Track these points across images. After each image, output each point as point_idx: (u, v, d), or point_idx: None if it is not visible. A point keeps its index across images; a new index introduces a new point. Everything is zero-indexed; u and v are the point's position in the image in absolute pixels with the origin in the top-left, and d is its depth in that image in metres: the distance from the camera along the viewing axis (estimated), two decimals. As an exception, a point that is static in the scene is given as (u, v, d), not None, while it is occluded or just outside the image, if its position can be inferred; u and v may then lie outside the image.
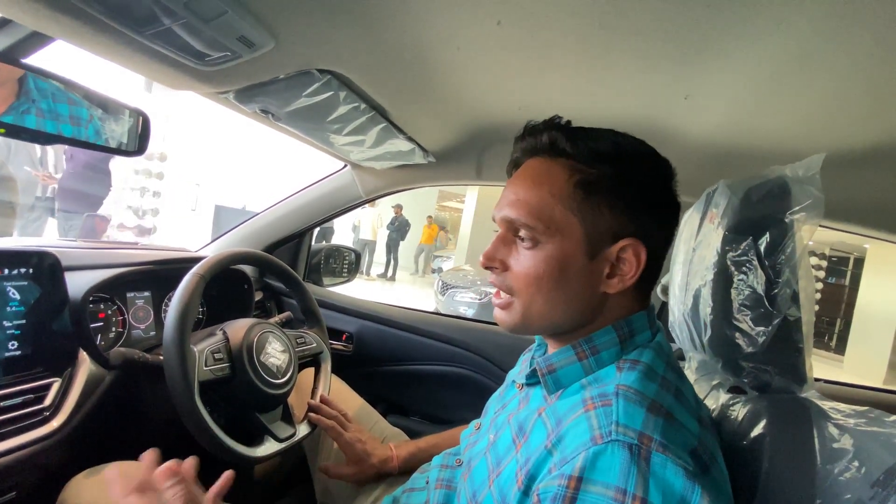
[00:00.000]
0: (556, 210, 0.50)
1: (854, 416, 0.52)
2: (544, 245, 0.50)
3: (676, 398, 0.47)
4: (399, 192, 1.36)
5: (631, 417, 0.43)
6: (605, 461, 0.40)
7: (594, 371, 0.52)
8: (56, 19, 0.51)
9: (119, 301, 0.92)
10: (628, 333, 0.52)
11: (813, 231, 0.55)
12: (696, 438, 0.45)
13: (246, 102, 0.79)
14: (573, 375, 0.53)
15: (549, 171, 0.51)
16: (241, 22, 0.54)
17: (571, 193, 0.49)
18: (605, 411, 0.44)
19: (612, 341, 0.52)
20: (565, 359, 0.53)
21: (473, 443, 0.67)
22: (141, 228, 6.29)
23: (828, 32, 0.53)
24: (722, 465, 0.47)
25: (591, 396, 0.47)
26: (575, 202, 0.49)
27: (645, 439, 0.41)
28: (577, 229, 0.50)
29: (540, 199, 0.50)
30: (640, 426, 0.42)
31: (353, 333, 1.37)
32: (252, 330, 0.83)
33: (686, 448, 0.43)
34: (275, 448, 0.79)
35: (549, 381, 0.54)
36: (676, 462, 0.40)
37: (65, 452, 0.74)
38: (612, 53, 0.66)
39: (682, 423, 0.45)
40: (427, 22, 0.62)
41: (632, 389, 0.46)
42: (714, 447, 0.47)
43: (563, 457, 0.43)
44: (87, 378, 0.77)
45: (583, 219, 0.49)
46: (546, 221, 0.50)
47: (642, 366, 0.49)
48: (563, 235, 0.50)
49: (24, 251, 0.73)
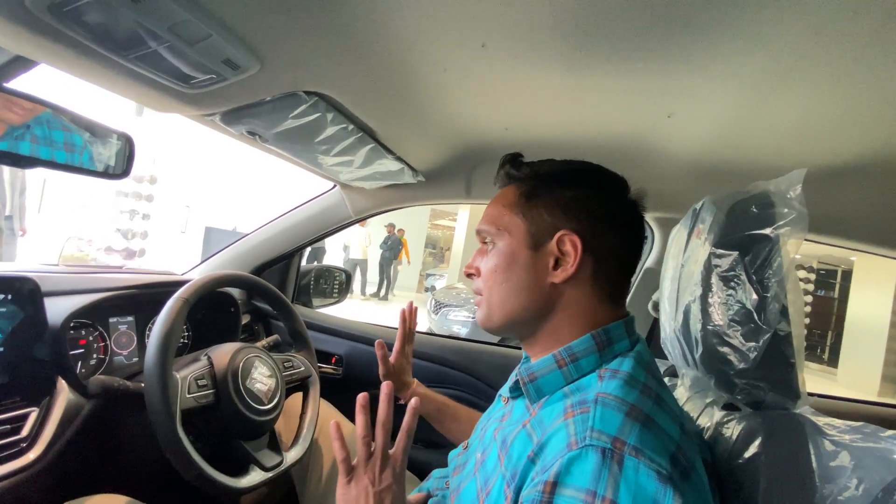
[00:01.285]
0: (506, 215, 0.60)
1: (849, 431, 0.52)
2: (497, 244, 0.60)
3: (657, 404, 0.49)
4: (389, 212, 1.36)
5: (606, 423, 0.45)
6: (578, 465, 0.42)
7: (574, 378, 0.55)
8: (38, 43, 0.51)
9: (101, 326, 0.90)
10: (606, 341, 0.56)
11: (799, 245, 0.55)
12: (675, 444, 0.46)
13: (233, 124, 0.79)
14: (554, 383, 0.56)
15: (505, 192, 0.63)
16: (227, 45, 0.54)
17: (517, 202, 0.60)
18: (582, 418, 0.46)
19: (591, 349, 0.55)
20: (545, 367, 0.57)
21: (462, 464, 0.66)
22: (129, 251, 6.22)
23: (807, 49, 0.55)
24: (701, 472, 0.47)
25: (571, 404, 0.50)
26: (519, 207, 0.59)
27: (618, 443, 0.43)
28: (521, 227, 0.59)
29: (495, 210, 0.62)
30: (616, 431, 0.44)
31: (343, 356, 1.35)
32: (238, 355, 0.81)
33: (663, 452, 0.43)
34: (260, 478, 0.77)
35: (530, 390, 0.57)
36: (649, 465, 0.41)
37: (43, 484, 0.71)
38: (594, 74, 0.67)
39: (662, 428, 0.46)
40: (413, 45, 0.63)
41: (611, 396, 0.48)
42: (693, 455, 0.47)
43: (544, 465, 0.45)
44: (65, 407, 0.75)
45: (524, 219, 0.59)
46: (497, 224, 0.61)
47: (623, 374, 0.51)
48: (510, 233, 0.59)
49: (2, 277, 0.72)
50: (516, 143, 0.97)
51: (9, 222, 3.43)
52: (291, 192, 3.05)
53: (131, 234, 6.28)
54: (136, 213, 6.32)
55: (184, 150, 6.78)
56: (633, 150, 0.92)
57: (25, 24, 0.48)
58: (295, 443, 0.88)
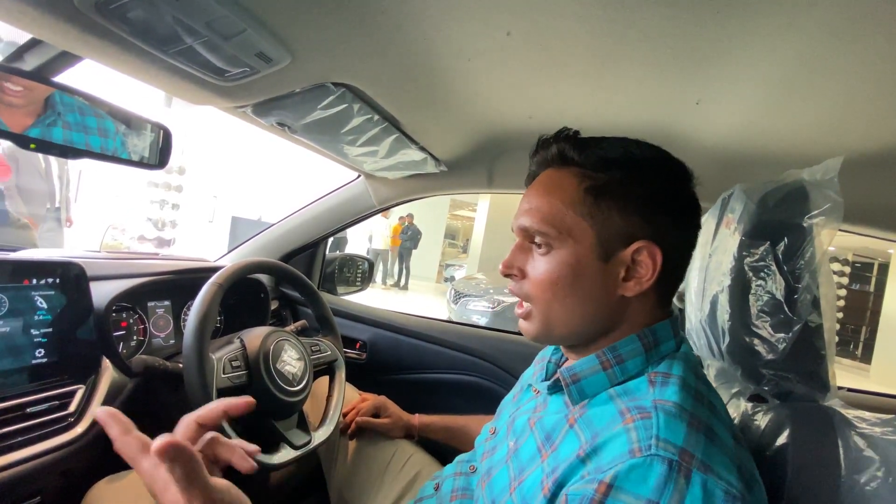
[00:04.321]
0: (568, 215, 0.51)
1: (880, 424, 0.51)
2: (557, 250, 0.51)
3: (711, 411, 0.46)
4: (411, 202, 1.38)
5: (672, 432, 0.41)
6: (640, 473, 0.39)
7: (620, 381, 0.51)
8: (84, 40, 0.54)
9: (140, 310, 0.95)
10: (653, 342, 0.51)
11: (832, 235, 0.54)
12: (734, 454, 0.43)
13: (263, 116, 0.81)
14: (598, 385, 0.52)
15: (560, 179, 0.53)
16: (260, 39, 0.56)
17: (582, 199, 0.51)
18: (644, 424, 0.43)
19: (637, 350, 0.51)
20: (589, 368, 0.52)
21: (491, 450, 0.66)
22: (160, 240, 6.43)
23: (839, 34, 0.53)
24: (761, 483, 0.45)
25: (627, 408, 0.46)
26: (585, 207, 0.50)
27: (686, 456, 0.40)
28: (588, 233, 0.50)
29: (551, 205, 0.52)
30: (682, 442, 0.41)
31: (367, 342, 1.38)
32: (268, 338, 0.84)
33: (728, 467, 0.41)
34: (291, 455, 0.80)
35: (573, 391, 0.53)
36: (717, 483, 0.39)
37: (87, 458, 0.76)
38: (621, 61, 0.66)
39: (721, 440, 0.43)
40: (438, 34, 0.63)
41: (670, 402, 0.45)
42: (752, 464, 0.45)
43: (599, 466, 0.42)
44: (109, 385, 0.79)
45: (594, 223, 0.50)
46: (558, 227, 0.51)
47: (676, 379, 0.48)
48: (574, 240, 0.50)
49: (51, 261, 0.76)
50: (540, 132, 0.94)
51: (57, 214, 3.61)
52: (315, 182, 3.09)
53: (161, 223, 6.48)
54: (165, 202, 6.52)
55: (211, 141, 6.93)
56: (659, 137, 0.90)
57: (73, 21, 0.50)
58: (322, 423, 0.91)
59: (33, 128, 0.63)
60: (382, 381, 1.36)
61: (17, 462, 0.65)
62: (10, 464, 0.64)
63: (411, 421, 1.02)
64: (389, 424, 1.00)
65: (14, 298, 0.70)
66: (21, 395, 0.69)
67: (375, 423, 1.00)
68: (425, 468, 0.93)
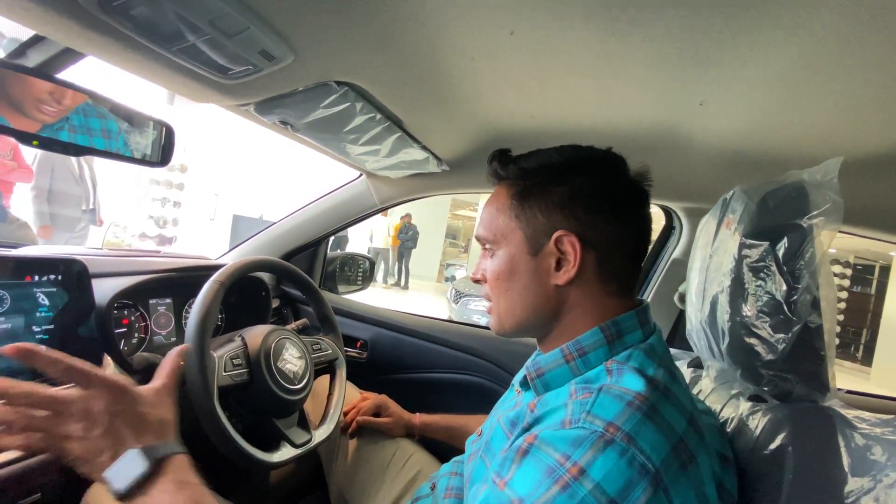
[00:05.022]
0: (500, 220, 0.59)
1: (880, 425, 0.51)
2: (497, 251, 0.59)
3: (665, 395, 0.48)
4: (413, 201, 1.38)
5: (604, 409, 0.45)
6: (562, 433, 0.44)
7: (582, 372, 0.54)
8: (88, 36, 0.54)
9: (142, 307, 0.95)
10: (616, 333, 0.54)
11: (832, 236, 0.54)
12: (677, 437, 0.45)
13: (266, 114, 0.81)
14: (561, 378, 0.55)
15: (497, 193, 0.61)
16: (263, 37, 0.56)
17: (510, 204, 0.58)
18: (581, 402, 0.47)
19: (600, 342, 0.54)
20: (553, 361, 0.56)
21: (477, 451, 0.67)
22: (162, 238, 6.43)
23: (842, 35, 0.53)
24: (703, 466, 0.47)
25: (575, 390, 0.50)
26: (513, 210, 0.58)
27: (611, 428, 0.43)
28: (517, 232, 0.57)
29: (490, 214, 0.61)
30: (612, 417, 0.44)
31: (368, 341, 1.38)
32: (270, 336, 0.84)
33: (658, 445, 0.43)
34: (291, 454, 0.80)
35: (537, 385, 0.57)
36: (636, 455, 0.41)
37: None
38: (624, 61, 0.66)
39: (665, 420, 0.45)
40: (442, 34, 0.63)
41: (615, 387, 0.47)
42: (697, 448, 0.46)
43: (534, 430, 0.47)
44: (110, 382, 0.79)
45: (520, 223, 0.57)
46: (493, 231, 0.59)
47: (630, 367, 0.50)
48: (507, 240, 0.58)
49: (53, 258, 0.76)
50: (542, 132, 0.96)
51: (92, 215, 3.83)
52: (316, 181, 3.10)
53: (163, 221, 6.49)
54: (167, 200, 6.53)
55: (213, 139, 6.94)
56: (662, 138, 0.91)
57: (76, 18, 0.50)
58: (323, 422, 0.91)
59: (41, 129, 0.63)
60: (383, 380, 1.36)
61: (17, 459, 0.65)
62: (10, 461, 0.64)
63: (412, 420, 1.03)
64: (390, 423, 1.01)
65: (16, 295, 0.70)
66: (23, 392, 0.69)
67: (376, 423, 1.00)
68: (425, 467, 0.94)
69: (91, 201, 3.77)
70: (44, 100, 0.62)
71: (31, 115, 0.61)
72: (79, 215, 3.76)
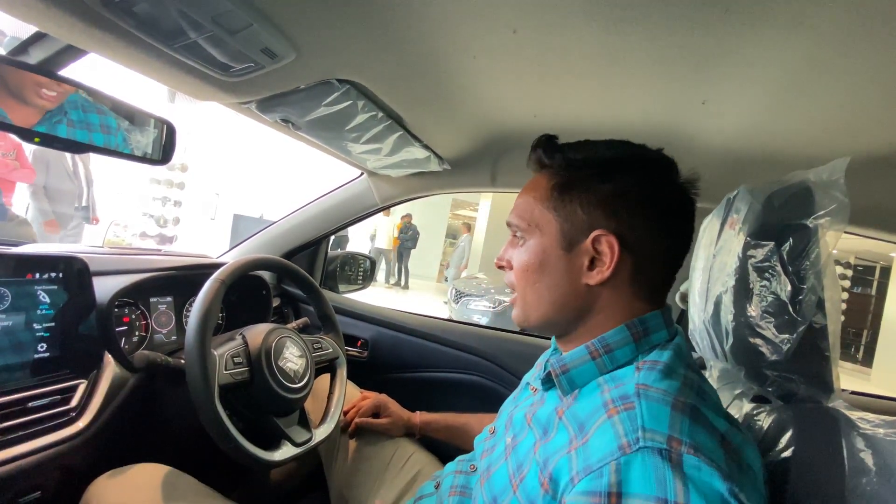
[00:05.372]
0: (537, 209, 0.57)
1: (884, 426, 0.51)
2: (528, 241, 0.57)
3: (700, 395, 0.47)
4: (414, 200, 1.37)
5: (656, 419, 0.42)
6: (637, 471, 0.40)
7: (609, 370, 0.52)
8: (90, 33, 0.54)
9: (143, 306, 0.95)
10: (642, 332, 0.53)
11: (838, 237, 0.54)
12: (720, 435, 0.44)
13: (267, 112, 0.81)
14: (587, 374, 0.54)
15: (537, 181, 0.59)
16: (265, 34, 0.56)
17: (549, 195, 0.56)
18: (629, 415, 0.44)
19: (626, 339, 0.53)
20: (579, 358, 0.54)
21: (490, 448, 0.66)
22: (162, 237, 6.44)
23: (847, 35, 0.53)
24: (752, 463, 0.46)
25: (611, 399, 0.47)
26: (552, 202, 0.56)
27: (674, 442, 0.41)
28: (553, 225, 0.55)
29: (526, 202, 0.58)
30: (667, 428, 0.42)
31: (369, 340, 1.38)
32: (270, 335, 0.84)
33: (715, 447, 0.42)
34: (291, 452, 0.80)
35: (563, 382, 0.55)
36: (710, 464, 0.40)
37: (89, 453, 0.76)
38: (627, 60, 0.66)
39: (708, 419, 0.44)
40: (444, 31, 0.63)
41: (652, 388, 0.46)
42: (741, 445, 0.46)
43: (588, 465, 0.42)
44: (111, 380, 0.79)
45: (558, 215, 0.55)
46: (528, 220, 0.57)
47: (662, 365, 0.49)
48: (541, 231, 0.56)
49: (54, 256, 0.76)
50: (544, 131, 0.95)
51: (85, 212, 3.81)
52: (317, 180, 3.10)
53: (163, 220, 6.50)
54: (167, 199, 6.54)
55: (213, 138, 6.94)
56: (665, 137, 0.91)
57: (79, 14, 0.50)
58: (323, 421, 0.91)
59: (40, 124, 0.63)
60: (383, 379, 1.36)
61: (18, 456, 0.65)
62: (11, 458, 0.64)
63: (412, 419, 1.02)
64: (388, 424, 1.00)
65: (17, 293, 0.70)
66: (23, 390, 0.69)
67: (374, 424, 1.00)
68: (426, 467, 0.93)
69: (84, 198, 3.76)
70: (43, 84, 0.61)
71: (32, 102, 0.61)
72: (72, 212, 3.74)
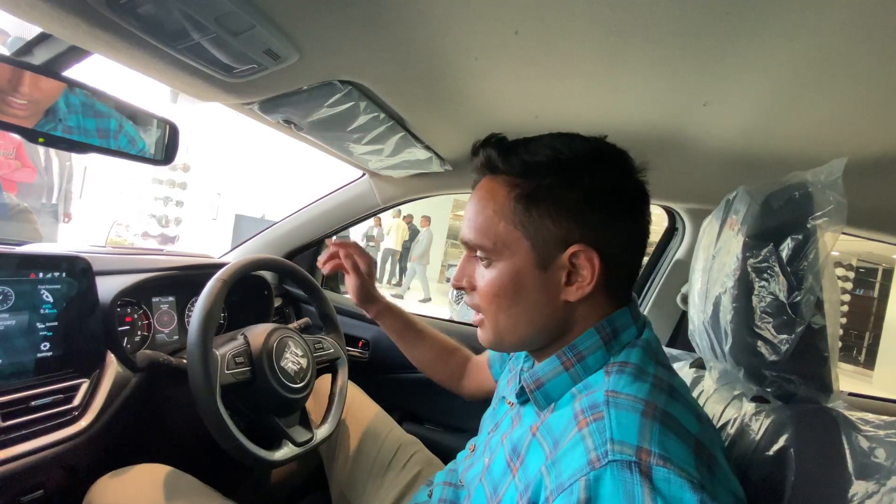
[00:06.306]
0: (501, 227, 0.50)
1: (883, 426, 0.51)
2: (497, 262, 0.51)
3: (671, 396, 0.45)
4: (415, 200, 1.38)
5: (625, 430, 0.40)
6: (607, 487, 0.38)
7: (582, 378, 0.50)
8: (94, 34, 0.54)
9: (145, 305, 0.95)
10: (611, 333, 0.51)
11: (836, 238, 0.54)
12: (694, 439, 0.42)
13: (270, 113, 0.81)
14: (562, 387, 0.51)
15: (492, 189, 0.52)
16: (268, 36, 0.56)
17: (513, 208, 0.50)
18: (597, 427, 0.42)
19: (596, 344, 0.51)
20: (552, 370, 0.52)
21: (469, 466, 0.65)
22: (164, 237, 6.46)
23: (847, 36, 0.53)
24: (722, 462, 0.44)
25: (581, 409, 0.45)
26: (517, 216, 0.50)
27: (643, 454, 0.39)
28: (522, 243, 0.50)
29: (485, 218, 0.52)
30: (636, 439, 0.40)
31: (370, 340, 1.38)
32: (272, 335, 0.84)
33: (688, 456, 0.40)
34: (293, 452, 0.80)
35: (538, 398, 0.52)
36: (680, 475, 0.38)
37: (91, 452, 0.76)
38: (628, 61, 0.66)
39: (679, 423, 0.43)
40: (446, 33, 0.63)
41: (622, 394, 0.44)
42: (713, 445, 0.44)
43: (560, 483, 0.40)
44: (114, 379, 0.80)
45: (526, 232, 0.50)
46: (492, 239, 0.51)
47: (631, 367, 0.47)
48: (511, 251, 0.50)
49: (57, 255, 0.77)
50: (546, 131, 0.96)
51: (54, 208, 3.64)
52: (318, 181, 3.11)
53: (165, 220, 6.51)
54: (170, 199, 6.56)
55: (216, 138, 6.96)
56: (666, 138, 0.91)
57: (83, 15, 0.51)
58: (324, 421, 0.91)
59: (45, 125, 0.63)
60: (384, 379, 1.36)
61: (21, 455, 0.65)
62: (14, 456, 0.65)
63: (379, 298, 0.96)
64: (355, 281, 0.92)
65: (20, 292, 0.71)
66: (26, 389, 0.70)
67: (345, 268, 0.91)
68: (426, 468, 0.94)
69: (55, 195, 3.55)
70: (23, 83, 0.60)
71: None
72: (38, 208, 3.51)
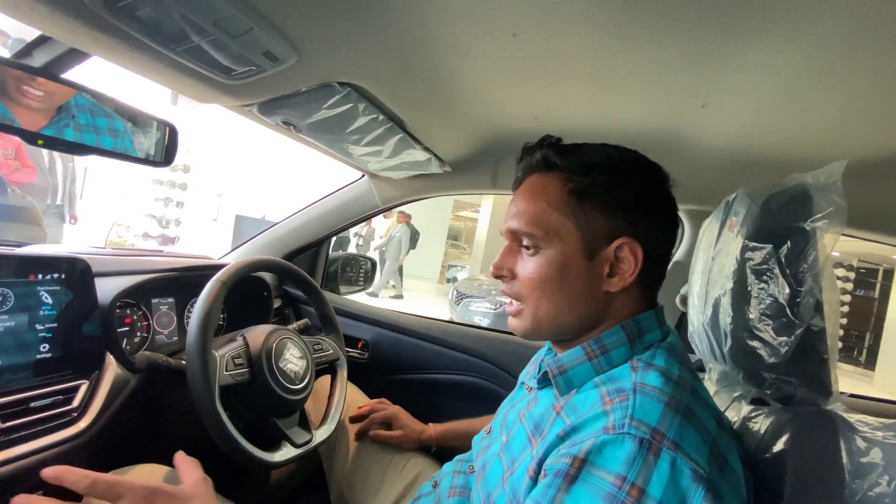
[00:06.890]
0: (553, 217, 0.54)
1: (883, 428, 0.51)
2: (545, 250, 0.54)
3: (693, 396, 0.48)
4: (415, 202, 1.38)
5: (647, 412, 0.43)
6: (611, 450, 0.42)
7: (605, 370, 0.53)
8: (93, 37, 0.54)
9: (144, 306, 0.95)
10: (636, 332, 0.54)
11: (836, 239, 0.54)
12: (711, 438, 0.45)
13: (269, 115, 0.81)
14: (584, 375, 0.54)
15: (544, 184, 0.56)
16: (267, 38, 0.56)
17: (566, 201, 0.54)
18: (622, 406, 0.45)
19: (621, 340, 0.53)
20: (576, 359, 0.55)
21: (486, 448, 0.67)
22: (164, 237, 6.46)
23: (846, 39, 0.53)
24: (736, 465, 0.46)
25: (608, 392, 0.48)
26: (570, 208, 0.53)
27: (658, 436, 0.42)
28: (573, 233, 0.53)
29: (538, 208, 0.55)
30: (656, 422, 0.42)
31: (369, 341, 1.38)
32: (271, 336, 0.84)
33: (702, 448, 0.43)
34: (292, 453, 0.80)
35: (560, 382, 0.55)
36: (687, 463, 0.41)
37: (90, 453, 0.76)
38: (627, 63, 0.66)
39: (700, 421, 0.45)
40: (445, 35, 0.63)
41: (648, 386, 0.47)
42: (728, 448, 0.47)
43: (573, 441, 0.45)
44: (113, 380, 0.80)
45: (578, 223, 0.53)
46: (544, 228, 0.54)
47: (656, 368, 0.50)
48: (560, 240, 0.53)
49: (56, 257, 0.76)
50: (545, 133, 0.96)
51: (59, 210, 3.66)
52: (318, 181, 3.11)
53: (166, 220, 6.52)
54: (170, 200, 6.56)
55: (216, 139, 6.96)
56: (665, 140, 0.91)
57: (82, 18, 0.51)
58: (323, 422, 0.91)
59: (47, 128, 0.63)
60: (384, 380, 1.36)
61: (20, 456, 0.65)
62: (13, 458, 0.65)
63: (426, 432, 1.00)
64: (401, 437, 0.99)
65: (19, 293, 0.71)
66: (25, 390, 0.70)
67: (387, 437, 0.98)
68: (426, 469, 0.94)
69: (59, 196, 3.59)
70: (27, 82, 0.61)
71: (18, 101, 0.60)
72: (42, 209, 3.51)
